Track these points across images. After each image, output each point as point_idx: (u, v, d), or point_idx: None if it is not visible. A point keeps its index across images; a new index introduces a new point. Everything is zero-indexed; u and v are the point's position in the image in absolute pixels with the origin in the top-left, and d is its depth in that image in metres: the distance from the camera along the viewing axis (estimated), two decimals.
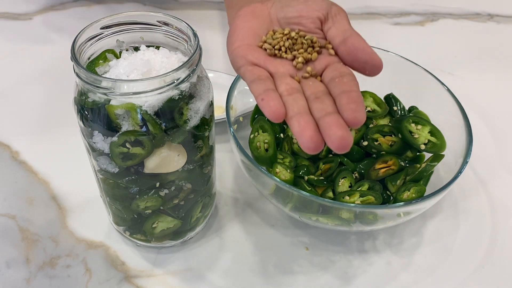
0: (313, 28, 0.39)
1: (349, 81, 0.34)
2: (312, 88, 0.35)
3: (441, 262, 0.46)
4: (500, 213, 0.50)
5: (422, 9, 0.83)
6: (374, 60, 0.35)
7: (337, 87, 0.34)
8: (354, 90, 0.33)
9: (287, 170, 0.46)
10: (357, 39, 0.37)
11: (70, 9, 0.78)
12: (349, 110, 0.32)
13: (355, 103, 0.32)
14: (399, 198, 0.44)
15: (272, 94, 0.33)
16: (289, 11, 0.40)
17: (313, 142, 0.31)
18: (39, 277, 0.43)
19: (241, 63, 0.37)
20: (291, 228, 0.48)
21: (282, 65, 0.37)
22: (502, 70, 0.70)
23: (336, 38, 0.38)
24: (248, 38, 0.39)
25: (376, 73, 0.36)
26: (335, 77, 0.35)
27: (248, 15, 0.40)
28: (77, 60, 0.33)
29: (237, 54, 0.38)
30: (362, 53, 0.36)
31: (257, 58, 0.37)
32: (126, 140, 0.34)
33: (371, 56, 0.35)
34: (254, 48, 0.38)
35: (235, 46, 0.38)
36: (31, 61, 0.68)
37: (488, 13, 0.82)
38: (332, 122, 0.31)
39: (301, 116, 0.32)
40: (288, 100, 0.33)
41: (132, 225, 0.43)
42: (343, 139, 0.30)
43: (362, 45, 0.36)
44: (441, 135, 0.47)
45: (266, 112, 0.32)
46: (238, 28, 0.39)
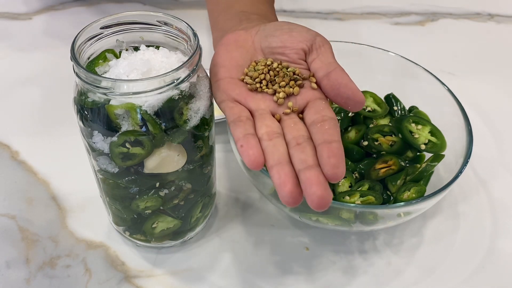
0: (296, 59, 0.39)
1: (331, 128, 0.34)
2: (293, 131, 0.35)
3: (441, 262, 0.46)
4: (500, 213, 0.50)
5: (422, 9, 0.83)
6: (356, 97, 0.35)
7: (319, 135, 0.34)
8: (335, 140, 0.33)
9: None
10: (341, 74, 0.36)
11: (70, 9, 0.78)
12: (329, 166, 0.32)
13: (336, 157, 0.32)
14: (399, 198, 0.44)
15: (251, 140, 0.33)
16: (273, 41, 0.40)
17: (292, 197, 0.31)
18: (39, 277, 0.43)
19: (222, 97, 0.37)
20: (291, 228, 0.48)
21: (263, 101, 0.37)
22: (502, 70, 0.70)
23: (320, 71, 0.37)
24: (230, 71, 0.38)
25: (358, 108, 0.36)
26: (317, 121, 0.35)
27: (231, 44, 0.40)
28: (76, 60, 0.33)
29: (220, 88, 0.38)
30: (345, 88, 0.36)
31: (238, 94, 0.37)
32: (126, 140, 0.34)
33: (353, 92, 0.35)
34: (236, 82, 0.38)
35: (218, 79, 0.38)
36: (31, 61, 0.68)
37: (488, 13, 0.82)
38: (313, 180, 0.31)
39: (281, 167, 0.32)
40: (268, 146, 0.33)
41: (132, 225, 0.43)
42: (322, 199, 0.31)
43: (345, 81, 0.36)
44: (441, 135, 0.47)
45: (245, 160, 0.32)
46: (221, 59, 0.39)
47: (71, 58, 0.33)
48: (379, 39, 0.74)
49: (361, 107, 0.36)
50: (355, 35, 0.75)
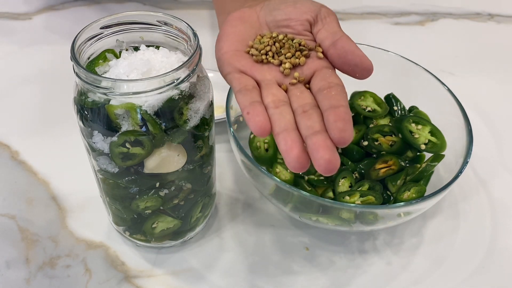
0: (302, 31, 0.39)
1: (337, 94, 0.33)
2: (299, 99, 0.34)
3: (441, 262, 0.46)
4: (500, 213, 0.50)
5: (422, 9, 0.83)
6: (364, 63, 0.35)
7: (325, 101, 0.33)
8: (342, 105, 0.32)
9: (287, 170, 0.46)
10: (347, 42, 0.36)
11: (70, 9, 0.78)
12: (336, 130, 0.31)
13: (343, 121, 0.31)
14: (399, 198, 0.44)
15: (258, 107, 0.33)
16: (278, 14, 0.40)
17: (299, 162, 0.31)
18: (39, 277, 0.43)
19: (228, 70, 0.37)
20: (291, 228, 0.48)
21: (269, 72, 0.37)
22: (502, 70, 0.70)
23: (326, 40, 0.37)
24: (235, 44, 0.38)
25: (366, 76, 0.35)
26: (323, 88, 0.34)
27: (236, 20, 0.40)
28: (76, 60, 0.33)
29: (224, 61, 0.37)
30: (352, 55, 0.35)
31: (244, 65, 0.37)
32: (126, 140, 0.34)
33: (361, 59, 0.35)
34: (241, 54, 0.38)
35: (222, 52, 0.38)
36: (31, 61, 0.68)
37: (489, 13, 0.82)
38: (319, 144, 0.31)
39: (287, 133, 0.32)
40: (275, 114, 0.33)
41: (132, 225, 0.43)
42: (330, 163, 0.30)
43: (352, 48, 0.36)
44: (441, 135, 0.47)
45: (252, 127, 0.32)
46: (226, 34, 0.39)
47: (71, 58, 0.33)
48: (379, 39, 0.74)
49: (368, 74, 0.35)
50: (355, 35, 0.75)
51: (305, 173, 0.47)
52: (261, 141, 0.48)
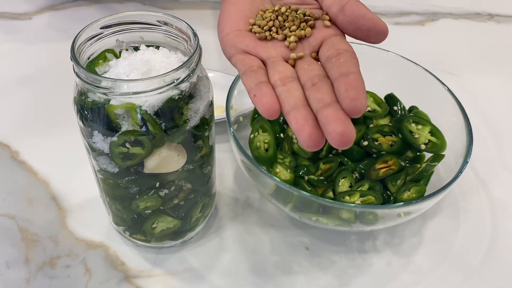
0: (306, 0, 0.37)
1: (347, 61, 0.32)
2: (307, 72, 0.33)
3: (441, 262, 0.46)
4: (500, 213, 0.50)
5: (422, 8, 0.83)
6: (378, 26, 0.33)
7: (334, 69, 0.31)
8: (352, 72, 0.30)
9: (287, 170, 0.46)
10: (356, 5, 0.34)
11: (70, 9, 0.78)
12: (348, 99, 0.29)
13: (354, 89, 0.29)
14: (399, 198, 0.44)
15: (264, 88, 0.31)
16: None
17: (312, 140, 0.29)
18: (39, 277, 0.43)
19: (232, 52, 0.35)
20: (291, 228, 0.48)
21: (274, 48, 0.35)
22: (502, 70, 0.70)
23: (333, 6, 0.35)
24: (237, 24, 0.37)
25: (382, 39, 0.33)
26: (331, 56, 0.32)
27: None
28: (76, 60, 0.33)
29: (227, 43, 0.36)
30: (363, 19, 0.33)
31: (248, 45, 0.35)
32: (126, 140, 0.34)
33: (373, 22, 0.33)
34: (244, 34, 0.36)
35: (225, 34, 0.36)
36: (31, 61, 0.68)
37: (489, 13, 0.82)
38: (331, 116, 0.29)
39: (298, 111, 0.30)
40: (283, 91, 0.31)
41: (132, 225, 0.43)
42: (344, 136, 0.28)
43: (363, 11, 0.33)
44: (441, 135, 0.47)
45: (260, 109, 0.31)
46: (227, 13, 0.38)
47: (71, 58, 0.33)
48: None
49: (384, 37, 0.33)
50: None
51: (305, 173, 0.47)
52: (261, 141, 0.48)
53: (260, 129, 0.48)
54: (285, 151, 0.50)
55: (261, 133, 0.48)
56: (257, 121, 0.49)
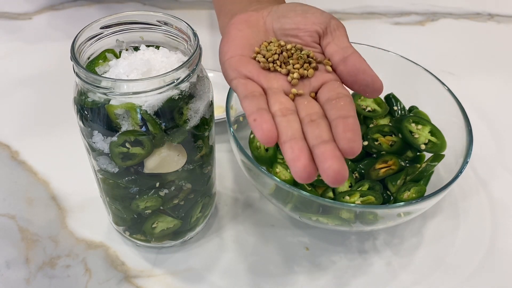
0: (310, 42, 0.38)
1: (346, 104, 0.32)
2: (307, 109, 0.33)
3: (441, 262, 0.46)
4: (500, 213, 0.50)
5: (422, 8, 0.83)
6: (375, 84, 0.34)
7: (334, 111, 0.32)
8: (351, 116, 0.32)
9: (287, 170, 0.46)
10: (358, 60, 0.35)
11: (70, 9, 0.78)
12: (345, 140, 0.30)
13: (352, 131, 0.30)
14: (399, 198, 0.44)
15: (265, 115, 0.32)
16: (286, 23, 0.38)
17: (306, 172, 0.30)
18: (39, 277, 0.43)
19: (233, 75, 0.36)
20: (291, 228, 0.48)
21: (276, 80, 0.36)
22: (502, 70, 0.70)
23: (336, 55, 0.36)
24: (241, 49, 0.37)
25: (375, 96, 0.35)
26: (331, 98, 0.33)
27: (242, 24, 0.39)
28: (76, 60, 0.33)
29: (229, 66, 0.36)
30: (364, 75, 0.34)
31: (250, 71, 0.36)
32: (125, 140, 0.34)
33: (372, 79, 0.34)
34: (248, 60, 0.37)
35: (228, 57, 0.37)
36: (31, 61, 0.68)
37: (488, 13, 0.82)
38: (328, 154, 0.30)
39: (295, 142, 0.31)
40: (282, 122, 0.32)
41: (132, 225, 0.43)
42: (338, 174, 0.29)
43: (364, 67, 0.35)
44: (441, 135, 0.47)
45: (258, 135, 0.31)
46: (231, 38, 0.38)
47: (71, 58, 0.33)
48: (379, 39, 0.74)
49: (378, 94, 0.35)
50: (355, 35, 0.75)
51: None
52: None
53: None
54: None
55: None
56: None
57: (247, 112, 0.33)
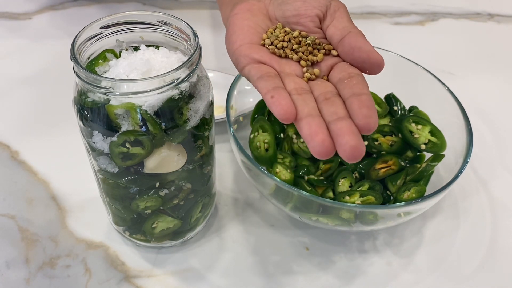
0: (312, 28, 0.38)
1: (359, 83, 0.32)
2: (321, 88, 0.33)
3: (441, 262, 0.46)
4: (500, 213, 0.50)
5: (422, 8, 0.83)
6: (372, 59, 0.34)
7: (347, 89, 0.32)
8: (364, 93, 0.31)
9: (287, 170, 0.46)
10: (354, 37, 0.35)
11: (70, 9, 0.78)
12: (361, 116, 0.30)
13: (367, 107, 0.30)
14: (399, 198, 0.44)
15: (282, 92, 0.32)
16: (287, 10, 0.39)
17: (325, 146, 0.29)
18: (39, 277, 0.43)
19: (245, 62, 0.36)
20: (291, 228, 0.48)
21: (289, 66, 0.36)
22: (502, 70, 0.70)
23: (334, 37, 0.36)
24: (249, 37, 0.37)
25: (377, 71, 0.34)
26: (343, 78, 0.33)
27: (245, 13, 0.39)
28: (76, 59, 0.33)
29: (240, 54, 0.36)
30: (359, 52, 0.34)
31: (262, 56, 0.36)
32: (125, 140, 0.34)
33: (368, 54, 0.34)
34: (258, 46, 0.37)
35: (237, 46, 0.37)
36: (30, 61, 0.68)
37: (489, 13, 0.82)
38: (345, 129, 0.29)
39: (312, 118, 0.30)
40: (298, 100, 0.32)
41: (132, 225, 0.43)
42: (356, 149, 0.29)
43: (359, 44, 0.34)
44: (441, 135, 0.47)
45: (277, 111, 0.31)
46: (238, 27, 0.38)
47: (71, 58, 0.33)
48: (379, 39, 0.74)
49: (379, 69, 0.34)
50: None
51: (305, 173, 0.47)
52: (261, 141, 0.48)
53: (260, 129, 0.48)
54: (285, 151, 0.50)
55: (261, 133, 0.48)
56: (257, 121, 0.49)
57: (262, 91, 0.32)
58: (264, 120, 0.49)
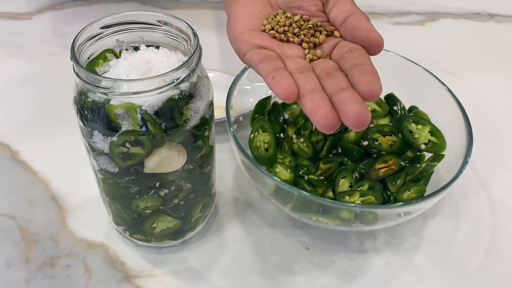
0: (315, 12, 0.38)
1: (360, 55, 0.32)
2: (322, 65, 0.33)
3: (441, 262, 0.46)
4: (500, 213, 0.50)
5: (422, 8, 0.83)
6: (371, 37, 0.33)
7: (348, 62, 0.32)
8: (366, 63, 0.31)
9: (287, 170, 0.46)
10: (357, 18, 0.35)
11: (70, 9, 0.78)
12: (363, 83, 0.29)
13: (369, 74, 0.30)
14: (399, 198, 0.44)
15: (283, 72, 0.31)
16: None
17: (329, 119, 0.29)
18: (39, 277, 0.43)
19: (246, 48, 0.36)
20: (291, 228, 0.48)
21: (290, 49, 0.36)
22: (502, 70, 0.70)
23: (337, 19, 0.36)
24: (250, 24, 0.37)
25: (376, 51, 0.34)
26: (345, 52, 0.33)
27: (247, 1, 0.39)
28: (76, 59, 0.33)
29: (242, 40, 0.36)
30: (359, 30, 0.34)
31: (263, 41, 0.36)
32: (126, 140, 0.34)
33: (368, 33, 0.33)
34: (259, 33, 0.37)
35: (238, 33, 0.37)
36: (31, 61, 0.68)
37: (488, 13, 0.82)
38: (347, 97, 0.29)
39: (314, 93, 0.30)
40: (299, 78, 0.32)
41: (132, 225, 0.43)
42: (360, 115, 0.28)
43: (360, 23, 0.34)
44: (441, 135, 0.47)
45: (278, 90, 0.30)
46: (239, 14, 0.38)
47: (71, 58, 0.33)
48: None
49: (379, 49, 0.34)
50: None
51: (305, 173, 0.47)
52: (261, 141, 0.48)
53: (260, 129, 0.48)
54: (285, 151, 0.50)
55: (261, 133, 0.48)
56: (257, 121, 0.49)
57: (263, 73, 0.32)
58: (264, 120, 0.49)
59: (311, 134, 0.52)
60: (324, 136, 0.51)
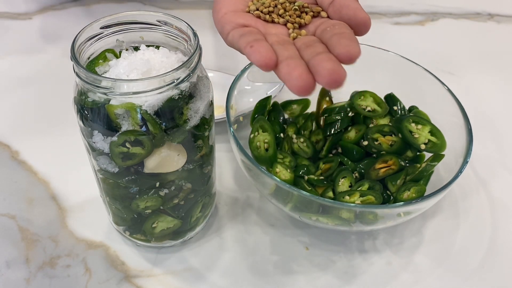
0: None
1: (341, 26, 0.32)
2: (303, 39, 0.33)
3: (441, 262, 0.46)
4: (500, 213, 0.50)
5: (422, 8, 0.83)
6: (358, 16, 0.33)
7: (328, 33, 0.31)
8: (346, 32, 0.31)
9: (287, 170, 0.46)
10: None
11: (70, 9, 0.78)
12: (340, 46, 0.29)
13: (348, 39, 0.29)
14: (399, 198, 0.44)
15: (262, 42, 0.31)
16: None
17: (303, 79, 0.28)
18: (39, 277, 0.43)
19: (229, 28, 0.35)
20: (291, 228, 0.48)
21: (275, 28, 0.35)
22: (502, 70, 0.70)
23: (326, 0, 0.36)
24: (234, 5, 0.37)
25: (363, 31, 0.33)
26: (326, 26, 0.33)
27: None
28: (76, 59, 0.33)
29: (225, 21, 0.36)
30: (346, 9, 0.33)
31: (247, 20, 0.35)
32: (126, 140, 0.34)
33: (355, 12, 0.33)
34: (243, 13, 0.37)
35: (222, 14, 0.36)
36: (31, 61, 0.68)
37: (488, 13, 0.82)
38: (322, 58, 0.28)
39: (291, 59, 0.30)
40: (279, 48, 0.31)
41: (132, 225, 0.43)
42: (334, 72, 0.27)
43: (348, 2, 0.34)
44: (441, 134, 0.47)
45: (255, 58, 0.30)
46: None
47: (71, 58, 0.33)
48: (379, 39, 0.74)
49: (366, 28, 0.33)
50: None
51: (305, 173, 0.47)
52: (261, 141, 0.48)
53: (260, 129, 0.48)
54: (285, 151, 0.50)
55: (261, 133, 0.48)
56: (257, 121, 0.49)
57: (242, 44, 0.32)
58: (264, 120, 0.49)
59: (311, 134, 0.52)
60: (324, 136, 0.51)
